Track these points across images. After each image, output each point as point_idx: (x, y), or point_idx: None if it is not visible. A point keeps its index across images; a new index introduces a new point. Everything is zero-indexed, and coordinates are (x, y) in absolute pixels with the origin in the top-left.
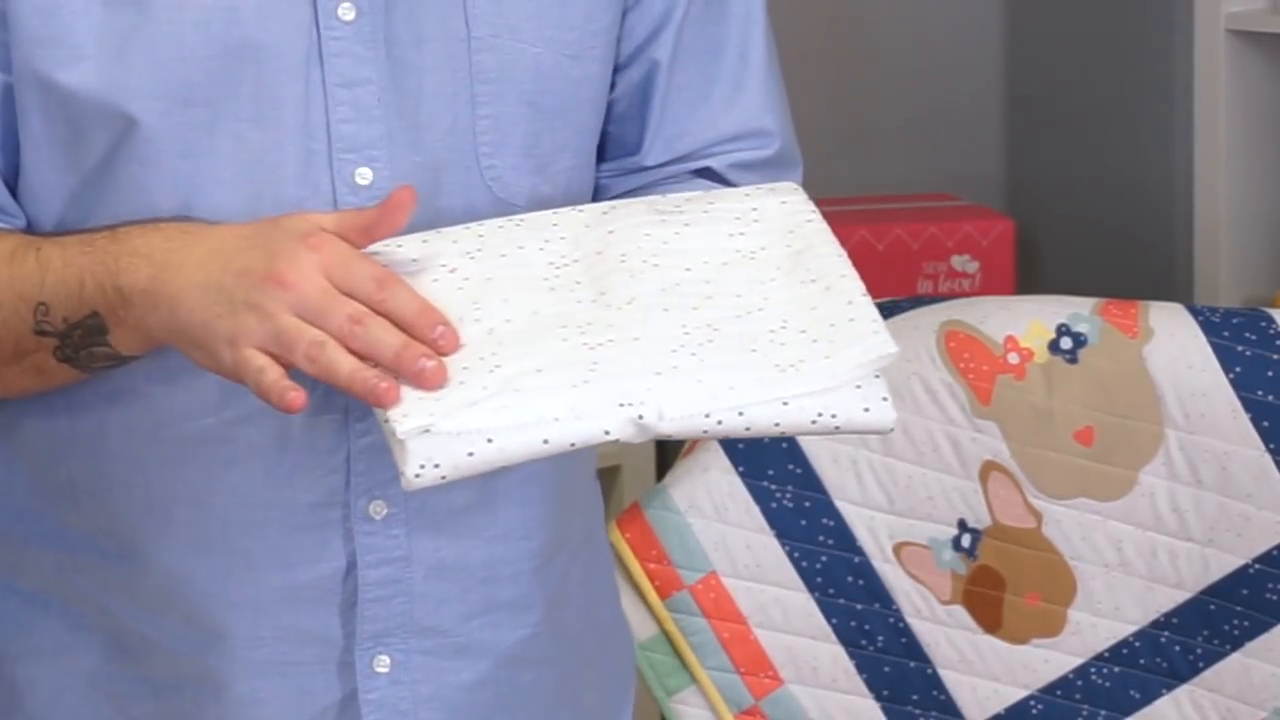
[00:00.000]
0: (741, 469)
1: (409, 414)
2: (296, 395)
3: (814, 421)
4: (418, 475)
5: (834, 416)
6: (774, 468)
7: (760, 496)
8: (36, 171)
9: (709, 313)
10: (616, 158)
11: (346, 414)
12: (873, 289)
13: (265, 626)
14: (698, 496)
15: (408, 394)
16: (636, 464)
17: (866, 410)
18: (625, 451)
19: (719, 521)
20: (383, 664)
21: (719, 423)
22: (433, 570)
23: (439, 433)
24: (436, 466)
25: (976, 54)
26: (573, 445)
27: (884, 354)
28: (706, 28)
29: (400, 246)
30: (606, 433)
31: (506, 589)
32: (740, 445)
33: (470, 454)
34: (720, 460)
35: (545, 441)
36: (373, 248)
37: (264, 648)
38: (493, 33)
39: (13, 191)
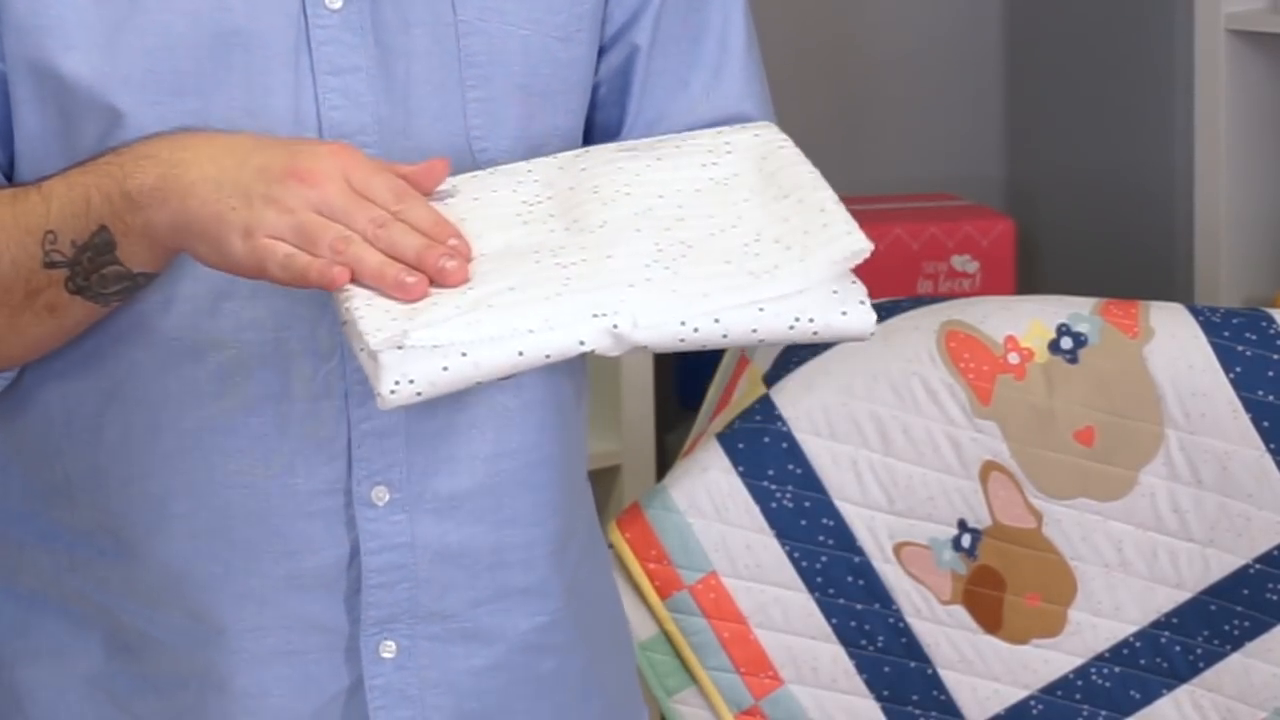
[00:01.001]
0: (741, 469)
1: (381, 329)
2: (342, 270)
3: (791, 327)
4: (393, 392)
5: (811, 321)
6: (774, 468)
7: (760, 496)
8: (32, 161)
9: (682, 232)
10: (598, 142)
11: (347, 399)
12: (873, 289)
13: (269, 617)
14: (698, 496)
15: (379, 312)
16: (636, 464)
17: (844, 314)
18: (625, 451)
19: (719, 521)
20: (388, 650)
21: (695, 330)
22: (437, 556)
23: (412, 347)
24: (411, 382)
25: (976, 54)
26: (548, 357)
27: (857, 250)
28: (687, 15)
29: None
30: (581, 343)
31: (519, 575)
32: (740, 445)
33: (445, 369)
34: (720, 460)
35: (520, 353)
36: None
37: (268, 639)
38: (480, 16)
39: (10, 181)
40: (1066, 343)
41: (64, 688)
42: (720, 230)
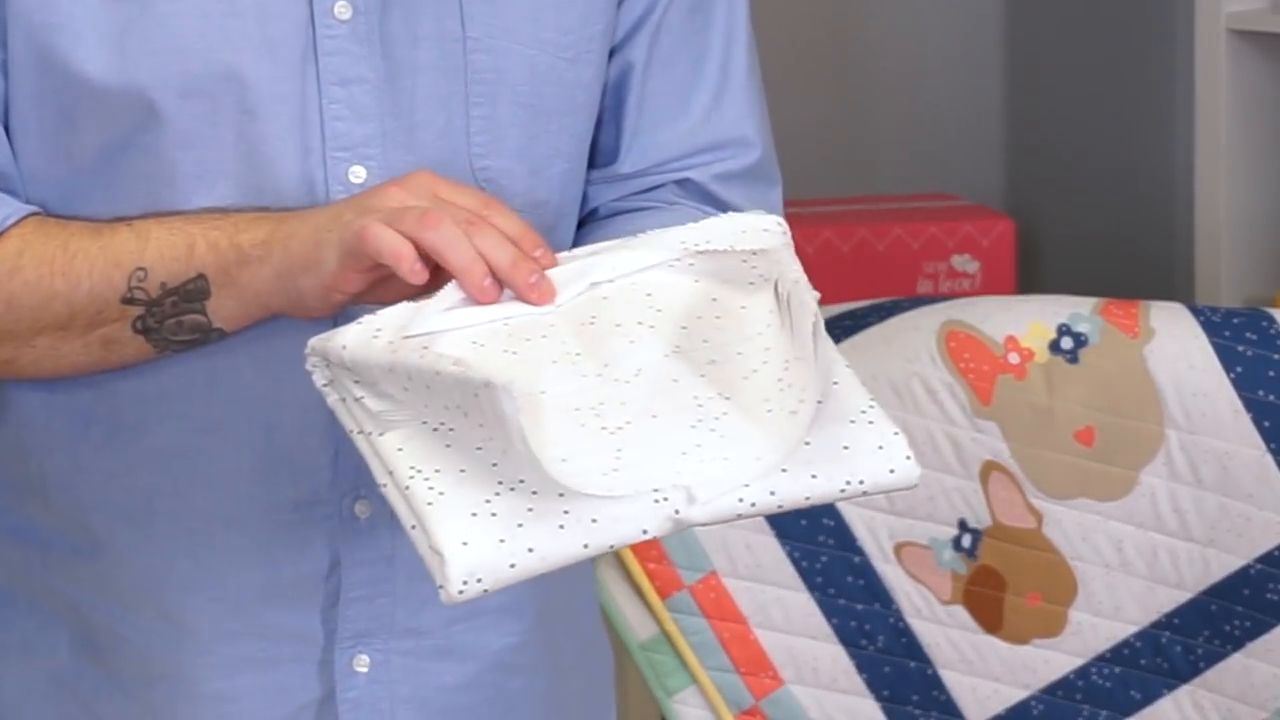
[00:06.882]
0: None
1: (446, 523)
2: (424, 268)
3: (842, 490)
4: (461, 592)
5: (861, 482)
6: None
7: None
8: (25, 158)
9: (718, 379)
10: (596, 166)
11: (333, 413)
12: (873, 289)
13: (243, 623)
14: None
15: (441, 509)
16: None
17: (892, 471)
18: None
19: None
20: (362, 663)
21: (752, 505)
22: (417, 572)
23: (479, 545)
24: (479, 581)
25: (976, 55)
26: (611, 547)
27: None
28: (688, 37)
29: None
30: (644, 532)
31: (495, 594)
32: None
33: (512, 565)
34: None
35: (585, 546)
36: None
37: (241, 644)
38: (488, 34)
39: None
40: (1067, 343)
41: (29, 685)
42: (753, 371)
